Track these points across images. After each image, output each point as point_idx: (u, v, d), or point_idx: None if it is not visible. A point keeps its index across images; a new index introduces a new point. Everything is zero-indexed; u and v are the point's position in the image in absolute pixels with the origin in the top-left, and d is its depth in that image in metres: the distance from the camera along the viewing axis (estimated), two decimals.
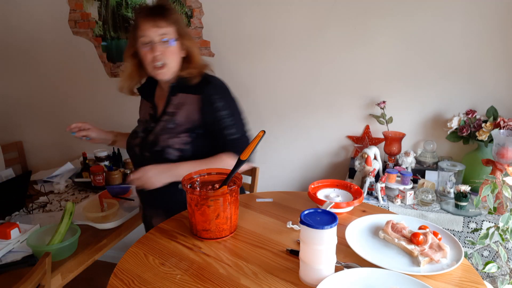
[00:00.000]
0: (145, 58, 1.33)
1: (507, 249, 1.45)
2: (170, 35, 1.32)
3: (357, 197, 1.24)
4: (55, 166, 2.34)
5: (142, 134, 1.44)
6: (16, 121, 2.78)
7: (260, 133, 1.20)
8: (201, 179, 1.17)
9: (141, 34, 1.30)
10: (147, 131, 1.43)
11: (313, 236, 0.82)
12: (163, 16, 1.31)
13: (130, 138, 1.50)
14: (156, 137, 1.39)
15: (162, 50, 1.30)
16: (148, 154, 1.39)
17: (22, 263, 1.33)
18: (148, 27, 1.29)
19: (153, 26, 1.29)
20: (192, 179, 1.16)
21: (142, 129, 1.46)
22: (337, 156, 2.14)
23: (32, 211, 1.78)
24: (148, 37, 1.29)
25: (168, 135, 1.37)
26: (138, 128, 1.50)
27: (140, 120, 1.54)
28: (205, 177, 1.18)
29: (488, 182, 1.39)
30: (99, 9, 2.31)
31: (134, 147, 1.45)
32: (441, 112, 1.90)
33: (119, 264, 0.95)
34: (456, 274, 0.89)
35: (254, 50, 2.11)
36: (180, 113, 1.39)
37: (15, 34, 2.56)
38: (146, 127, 1.45)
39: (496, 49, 1.76)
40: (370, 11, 1.88)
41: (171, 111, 1.40)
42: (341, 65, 1.99)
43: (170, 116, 1.39)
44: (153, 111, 1.46)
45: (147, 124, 1.46)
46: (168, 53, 1.32)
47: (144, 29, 1.29)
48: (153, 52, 1.30)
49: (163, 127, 1.39)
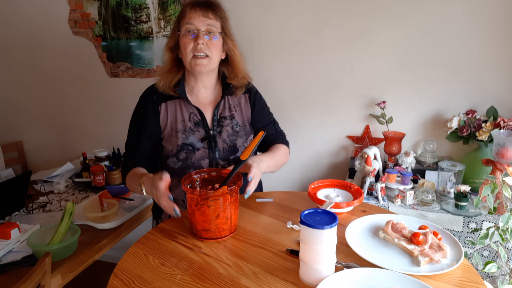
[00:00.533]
0: (186, 46, 1.28)
1: (507, 249, 1.45)
2: (216, 29, 1.30)
3: (357, 197, 1.24)
4: (55, 166, 2.34)
5: (202, 145, 1.34)
6: (16, 121, 2.78)
7: (260, 134, 1.23)
8: (201, 178, 1.17)
9: (187, 22, 1.27)
10: (207, 139, 1.35)
11: (313, 236, 0.82)
12: (213, 9, 1.30)
13: (181, 155, 1.33)
14: (232, 143, 1.37)
15: (206, 41, 1.27)
16: (226, 163, 1.35)
17: (22, 263, 1.33)
18: (196, 16, 1.27)
19: (202, 16, 1.27)
20: (192, 179, 1.14)
21: (196, 140, 1.34)
22: (337, 156, 2.14)
23: (32, 211, 1.78)
24: (194, 25, 1.27)
25: (241, 138, 1.38)
26: (185, 140, 1.33)
27: (175, 130, 1.35)
28: (205, 176, 1.17)
29: (488, 182, 1.39)
30: (99, 9, 2.31)
31: (199, 161, 1.33)
32: (441, 112, 1.90)
33: (119, 264, 0.95)
34: (456, 274, 0.89)
35: (254, 50, 2.11)
36: (236, 114, 1.41)
37: (15, 34, 2.56)
38: (202, 137, 1.34)
39: (496, 49, 1.76)
40: (370, 11, 1.88)
41: (229, 114, 1.40)
42: (341, 65, 1.99)
43: (230, 120, 1.39)
44: (199, 116, 1.37)
45: (196, 132, 1.35)
46: (211, 46, 1.29)
47: (191, 17, 1.27)
48: (197, 40, 1.26)
49: (231, 131, 1.38)
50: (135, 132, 1.38)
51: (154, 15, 2.22)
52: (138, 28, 2.27)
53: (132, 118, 1.42)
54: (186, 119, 1.36)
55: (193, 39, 1.27)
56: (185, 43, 1.28)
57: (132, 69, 2.37)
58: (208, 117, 1.38)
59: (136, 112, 1.41)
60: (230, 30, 1.37)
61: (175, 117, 1.36)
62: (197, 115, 1.37)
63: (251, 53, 2.12)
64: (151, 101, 1.38)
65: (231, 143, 1.37)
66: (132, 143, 1.38)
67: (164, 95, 1.37)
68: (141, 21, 2.25)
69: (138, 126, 1.38)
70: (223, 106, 1.41)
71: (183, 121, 1.36)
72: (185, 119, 1.36)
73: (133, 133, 1.40)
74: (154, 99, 1.37)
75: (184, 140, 1.33)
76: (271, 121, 1.51)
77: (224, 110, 1.40)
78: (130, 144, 1.40)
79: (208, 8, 1.29)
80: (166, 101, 1.38)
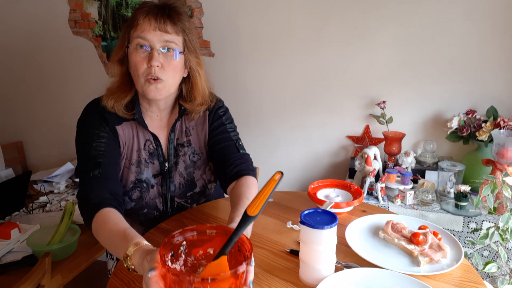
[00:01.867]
0: (138, 67, 1.01)
1: (507, 249, 1.45)
2: (176, 46, 1.04)
3: (357, 197, 1.24)
4: (55, 166, 2.34)
5: (156, 181, 1.14)
6: (16, 121, 2.78)
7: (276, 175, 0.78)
8: (188, 241, 0.75)
9: (139, 35, 1.00)
10: (161, 174, 1.14)
11: (313, 236, 0.82)
12: (172, 20, 1.03)
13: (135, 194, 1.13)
14: (190, 177, 1.17)
15: (161, 62, 1.02)
16: (182, 201, 1.17)
17: (22, 263, 1.33)
18: (150, 28, 1.00)
19: (157, 29, 1.00)
20: (173, 243, 0.73)
21: (150, 175, 1.13)
22: (337, 156, 2.14)
23: (32, 211, 1.78)
24: (147, 40, 1.00)
25: (199, 170, 1.19)
26: (139, 175, 1.12)
27: (130, 161, 1.11)
28: (194, 237, 0.76)
29: (488, 182, 1.39)
30: (99, 9, 2.31)
31: (154, 200, 1.14)
32: (441, 112, 1.90)
33: (119, 264, 0.94)
34: (456, 274, 0.89)
35: (254, 51, 2.11)
36: (192, 139, 1.18)
37: (15, 34, 2.56)
38: (156, 172, 1.14)
39: (496, 49, 1.76)
40: (370, 11, 1.88)
41: (186, 140, 1.18)
42: (341, 65, 1.99)
43: (187, 147, 1.17)
44: (155, 144, 1.14)
45: (150, 164, 1.13)
46: (168, 68, 1.03)
47: (144, 29, 1.00)
48: (151, 61, 1.00)
49: (188, 162, 1.18)
50: (92, 156, 1.04)
51: None
52: None
53: (79, 143, 1.08)
54: (141, 148, 1.12)
55: (146, 58, 1.01)
56: (136, 62, 1.01)
57: None
58: (163, 144, 1.15)
59: (86, 134, 1.07)
60: (195, 43, 1.09)
61: (131, 145, 1.12)
62: (153, 143, 1.14)
63: (251, 53, 2.13)
64: (104, 120, 1.08)
65: (188, 176, 1.18)
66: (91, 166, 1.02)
67: (117, 116, 1.09)
68: None
69: (94, 148, 1.05)
70: (179, 129, 1.17)
71: (138, 150, 1.12)
72: (141, 148, 1.12)
73: (88, 157, 1.04)
74: (108, 118, 1.08)
75: (138, 175, 1.12)
76: (233, 140, 1.18)
77: (181, 134, 1.17)
78: (86, 171, 1.02)
79: (167, 19, 1.01)
80: (121, 123, 1.10)
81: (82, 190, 1.01)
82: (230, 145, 1.17)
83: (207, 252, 0.76)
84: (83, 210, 0.98)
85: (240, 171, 1.12)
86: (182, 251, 0.75)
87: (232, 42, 2.14)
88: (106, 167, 1.03)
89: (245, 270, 0.66)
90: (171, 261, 0.72)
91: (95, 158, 1.03)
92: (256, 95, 2.18)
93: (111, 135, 1.08)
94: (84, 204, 0.98)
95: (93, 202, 0.96)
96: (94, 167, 1.02)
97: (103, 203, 0.95)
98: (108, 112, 1.08)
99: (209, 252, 0.75)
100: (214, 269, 0.67)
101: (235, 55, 2.16)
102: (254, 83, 2.17)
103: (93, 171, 1.01)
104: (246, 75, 2.18)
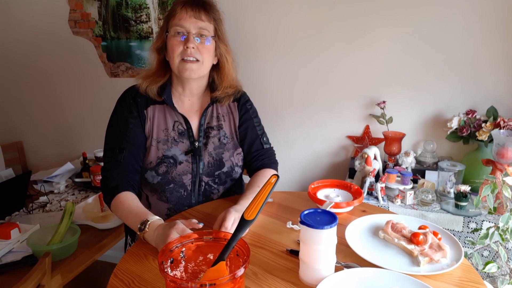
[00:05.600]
0: (175, 49, 1.16)
1: (507, 249, 1.45)
2: (208, 33, 1.19)
3: (357, 197, 1.24)
4: (55, 166, 2.34)
5: (185, 158, 1.23)
6: (16, 121, 2.78)
7: (272, 179, 0.85)
8: (188, 249, 0.79)
9: (177, 23, 1.15)
10: (190, 152, 1.23)
11: (313, 236, 0.82)
12: (206, 9, 1.19)
13: (161, 168, 1.21)
14: (218, 157, 1.25)
15: (197, 44, 1.16)
16: (210, 180, 1.24)
17: (22, 263, 1.33)
18: (187, 16, 1.15)
19: (193, 17, 1.15)
20: (170, 252, 0.76)
21: (179, 152, 1.22)
22: (337, 156, 2.14)
23: (32, 211, 1.78)
24: (185, 27, 1.15)
25: (228, 152, 1.27)
26: (167, 151, 1.21)
27: (157, 139, 1.23)
28: (192, 245, 0.80)
29: (488, 182, 1.39)
30: (99, 9, 2.31)
31: (181, 177, 1.21)
32: (441, 112, 1.90)
33: (119, 264, 0.94)
34: (456, 274, 0.89)
35: (255, 51, 2.11)
36: (225, 124, 1.29)
37: (15, 34, 2.56)
38: (186, 150, 1.23)
39: (496, 49, 1.76)
40: (370, 11, 1.88)
41: (217, 124, 1.28)
42: (341, 65, 1.99)
43: (217, 130, 1.27)
44: (185, 126, 1.25)
45: (180, 143, 1.23)
46: (203, 50, 1.17)
47: (181, 18, 1.15)
48: (187, 43, 1.14)
49: (217, 143, 1.26)
50: (119, 138, 1.19)
51: (154, 15, 2.22)
52: (138, 28, 2.27)
53: (111, 125, 1.24)
54: (169, 128, 1.24)
55: (183, 42, 1.15)
56: (173, 45, 1.16)
57: (132, 69, 2.37)
58: (194, 126, 1.26)
59: (117, 117, 1.23)
60: (224, 33, 1.26)
61: (158, 125, 1.23)
62: (183, 124, 1.25)
63: (251, 54, 2.12)
64: (135, 104, 1.22)
65: (217, 156, 1.26)
66: (115, 150, 1.18)
67: (149, 98, 1.24)
68: (141, 21, 2.26)
69: (121, 133, 1.20)
70: (210, 114, 1.29)
71: (166, 129, 1.23)
72: (169, 128, 1.24)
73: (115, 140, 1.20)
74: (139, 102, 1.23)
75: (165, 152, 1.21)
76: (258, 135, 1.34)
77: (212, 119, 1.29)
78: (111, 152, 1.19)
79: (201, 8, 1.18)
80: (151, 106, 1.24)
81: (105, 170, 1.18)
82: (255, 140, 1.33)
83: (207, 257, 0.80)
84: (104, 189, 1.17)
85: (263, 165, 1.31)
86: (182, 258, 0.78)
87: (232, 43, 2.10)
88: (128, 153, 1.17)
89: (243, 274, 0.68)
90: (171, 268, 0.75)
91: (120, 145, 1.18)
92: (256, 95, 2.17)
93: (138, 122, 1.21)
94: (105, 185, 1.16)
95: (112, 184, 1.13)
96: (118, 153, 1.17)
97: (122, 187, 1.12)
98: (140, 96, 1.22)
99: (209, 258, 0.79)
100: (213, 275, 0.69)
101: (235, 55, 2.12)
102: (254, 83, 2.17)
103: (116, 157, 1.17)
104: (246, 75, 2.17)
